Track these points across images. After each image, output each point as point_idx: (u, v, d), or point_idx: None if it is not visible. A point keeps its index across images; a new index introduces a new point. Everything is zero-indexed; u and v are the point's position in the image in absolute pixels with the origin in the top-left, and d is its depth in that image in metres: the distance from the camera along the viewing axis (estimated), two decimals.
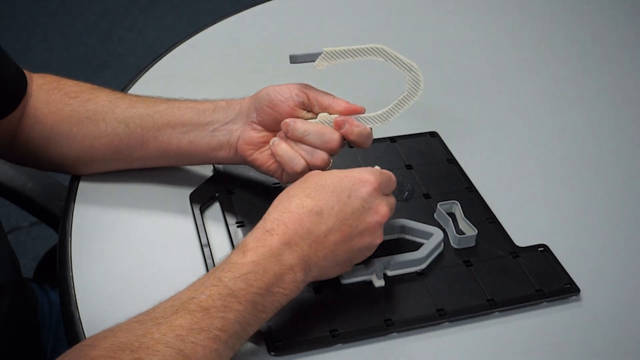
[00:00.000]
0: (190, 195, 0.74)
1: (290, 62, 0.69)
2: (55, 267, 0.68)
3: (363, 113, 0.69)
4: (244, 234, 0.69)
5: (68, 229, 0.71)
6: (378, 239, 0.62)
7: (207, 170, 0.78)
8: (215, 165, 0.77)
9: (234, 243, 0.69)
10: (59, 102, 0.73)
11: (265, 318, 0.56)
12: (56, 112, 0.72)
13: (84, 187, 0.75)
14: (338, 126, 0.67)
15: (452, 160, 0.82)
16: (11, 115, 0.71)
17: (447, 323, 0.64)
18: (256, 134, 0.70)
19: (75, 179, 0.76)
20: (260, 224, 0.58)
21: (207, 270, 0.67)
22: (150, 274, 0.67)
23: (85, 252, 0.69)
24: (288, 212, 0.58)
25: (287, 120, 0.68)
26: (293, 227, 0.57)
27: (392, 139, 0.84)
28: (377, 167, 0.64)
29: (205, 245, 0.69)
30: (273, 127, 0.69)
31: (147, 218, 0.73)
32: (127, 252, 0.69)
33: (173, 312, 0.52)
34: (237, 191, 0.74)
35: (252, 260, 0.55)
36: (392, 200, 0.64)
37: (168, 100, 0.73)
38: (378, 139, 0.82)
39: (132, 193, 0.75)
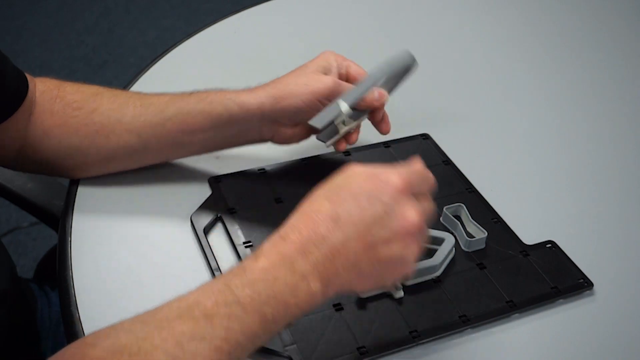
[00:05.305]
0: (191, 217, 0.72)
1: (317, 130, 0.73)
2: (55, 268, 0.68)
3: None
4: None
5: (68, 229, 0.71)
6: (411, 250, 0.54)
7: (206, 173, 0.78)
8: (212, 183, 0.76)
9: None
10: (63, 114, 0.72)
11: (276, 330, 0.52)
12: (63, 125, 0.72)
13: (83, 188, 0.75)
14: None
15: (447, 161, 0.82)
16: (14, 118, 0.70)
17: (469, 329, 0.63)
18: (290, 130, 0.74)
19: (75, 180, 0.76)
20: (281, 229, 0.54)
21: (211, 274, 0.67)
22: (150, 274, 0.67)
23: (85, 252, 0.69)
24: (304, 216, 0.54)
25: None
26: (307, 234, 0.52)
27: (386, 144, 0.83)
28: (411, 164, 0.57)
29: (216, 270, 0.66)
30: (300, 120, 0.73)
31: (147, 218, 0.73)
32: (126, 252, 0.69)
33: (177, 317, 0.50)
34: (239, 209, 0.73)
35: (263, 267, 0.51)
36: (426, 203, 0.56)
37: (174, 98, 0.72)
38: (372, 144, 0.82)
39: (131, 194, 0.75)
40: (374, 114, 0.76)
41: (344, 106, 0.70)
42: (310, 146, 0.81)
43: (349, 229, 0.53)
